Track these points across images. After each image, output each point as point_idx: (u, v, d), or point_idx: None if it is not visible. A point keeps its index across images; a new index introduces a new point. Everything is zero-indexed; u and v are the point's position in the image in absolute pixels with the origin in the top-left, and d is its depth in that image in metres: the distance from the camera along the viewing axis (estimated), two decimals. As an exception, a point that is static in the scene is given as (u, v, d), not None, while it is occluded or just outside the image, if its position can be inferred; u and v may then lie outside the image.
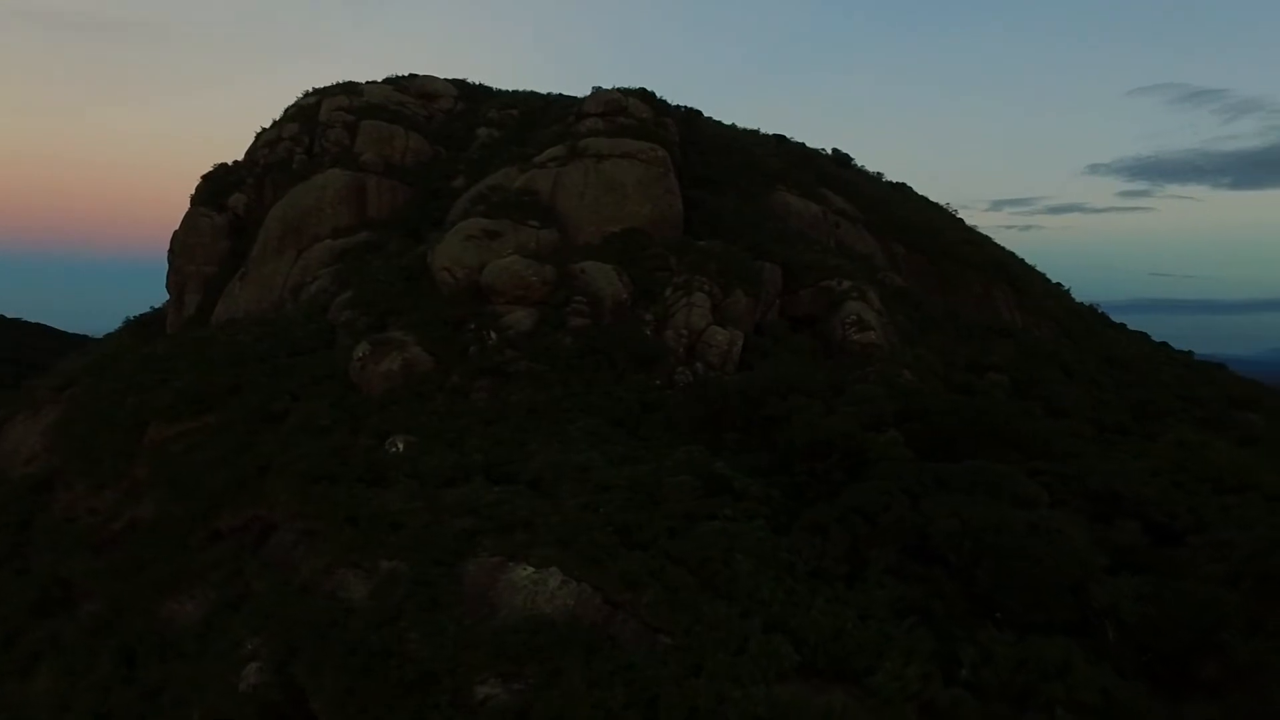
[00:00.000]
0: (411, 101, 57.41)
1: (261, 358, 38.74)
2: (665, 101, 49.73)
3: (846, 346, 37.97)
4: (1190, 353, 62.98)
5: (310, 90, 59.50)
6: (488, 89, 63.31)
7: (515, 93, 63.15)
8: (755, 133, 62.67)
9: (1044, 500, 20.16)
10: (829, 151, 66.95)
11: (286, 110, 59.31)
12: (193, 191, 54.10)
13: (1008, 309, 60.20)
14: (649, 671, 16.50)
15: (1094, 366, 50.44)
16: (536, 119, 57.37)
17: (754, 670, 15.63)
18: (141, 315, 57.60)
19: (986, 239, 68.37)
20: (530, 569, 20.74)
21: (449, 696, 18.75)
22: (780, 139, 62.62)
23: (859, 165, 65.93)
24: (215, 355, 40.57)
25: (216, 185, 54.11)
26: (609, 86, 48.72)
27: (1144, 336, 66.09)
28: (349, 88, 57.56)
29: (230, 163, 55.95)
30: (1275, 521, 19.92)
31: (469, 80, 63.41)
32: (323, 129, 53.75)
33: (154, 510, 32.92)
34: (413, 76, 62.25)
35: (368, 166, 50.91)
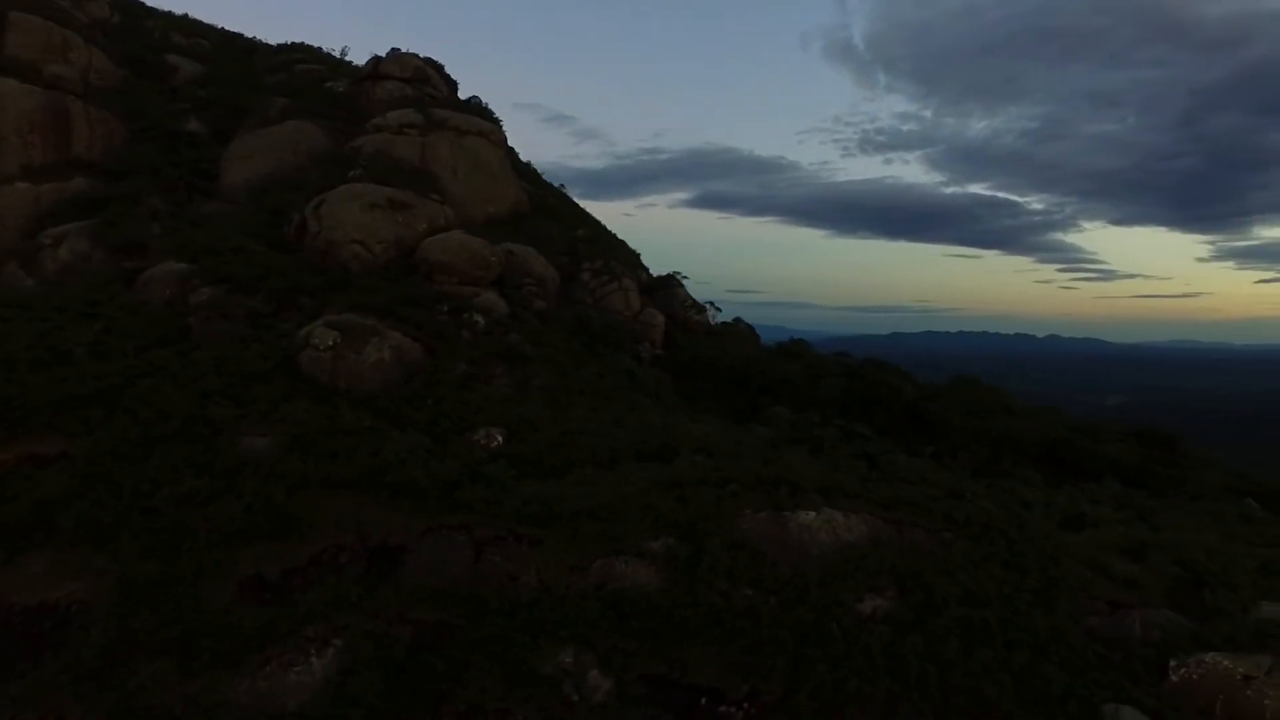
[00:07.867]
0: (64, 2, 41.79)
1: (95, 353, 27.18)
2: (450, 75, 47.88)
3: (689, 325, 45.28)
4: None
5: None
6: (141, 4, 48.92)
7: (176, 15, 50.40)
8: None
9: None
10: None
11: None
12: None
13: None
14: (994, 564, 23.20)
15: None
16: (240, 57, 47.97)
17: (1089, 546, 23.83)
18: None
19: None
20: (811, 513, 24.22)
21: (835, 624, 21.68)
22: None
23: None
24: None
25: None
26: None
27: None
28: (-54, -46, 38.72)
29: None
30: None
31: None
32: (-56, 12, 35.74)
33: (79, 585, 21.60)
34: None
35: (62, 84, 36.51)
